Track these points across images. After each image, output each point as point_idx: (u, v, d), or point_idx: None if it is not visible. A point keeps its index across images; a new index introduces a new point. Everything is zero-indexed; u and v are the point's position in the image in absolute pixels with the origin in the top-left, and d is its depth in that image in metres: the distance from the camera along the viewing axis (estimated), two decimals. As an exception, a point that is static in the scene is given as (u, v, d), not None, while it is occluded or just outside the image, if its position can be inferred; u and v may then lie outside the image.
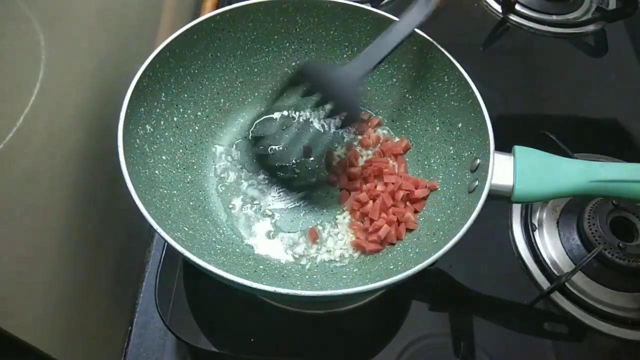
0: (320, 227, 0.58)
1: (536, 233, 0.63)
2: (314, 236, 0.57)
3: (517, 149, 0.51)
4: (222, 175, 0.61)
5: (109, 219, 0.60)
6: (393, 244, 0.56)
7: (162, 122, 0.56)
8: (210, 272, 0.42)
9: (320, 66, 0.59)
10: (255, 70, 0.65)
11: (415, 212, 0.58)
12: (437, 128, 0.61)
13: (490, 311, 0.58)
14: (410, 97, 0.63)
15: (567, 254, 0.61)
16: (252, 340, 0.54)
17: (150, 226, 0.44)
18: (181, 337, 0.54)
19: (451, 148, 0.58)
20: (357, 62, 0.55)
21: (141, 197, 0.45)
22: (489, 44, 0.86)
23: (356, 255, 0.56)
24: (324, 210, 0.59)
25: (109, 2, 0.56)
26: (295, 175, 0.61)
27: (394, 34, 0.55)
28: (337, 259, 0.56)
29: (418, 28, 0.57)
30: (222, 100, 0.63)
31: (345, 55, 0.65)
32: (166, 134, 0.57)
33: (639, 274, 0.59)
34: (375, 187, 0.59)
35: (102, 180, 0.56)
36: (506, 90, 0.79)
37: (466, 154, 0.56)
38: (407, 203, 0.58)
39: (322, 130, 0.65)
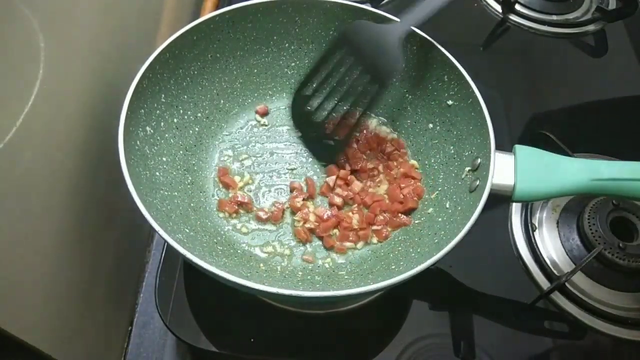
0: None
1: (536, 233, 0.63)
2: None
3: (518, 148, 0.51)
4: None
5: (109, 219, 0.60)
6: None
7: (162, 124, 0.56)
8: (212, 273, 0.42)
9: (361, 25, 0.57)
10: (255, 71, 0.65)
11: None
12: (437, 128, 0.61)
13: (490, 311, 0.58)
14: (410, 97, 0.63)
15: (567, 254, 0.61)
16: (252, 340, 0.54)
17: (151, 226, 0.44)
18: (181, 337, 0.54)
19: (452, 147, 0.58)
20: (403, 18, 0.56)
21: (142, 199, 0.45)
22: (489, 44, 0.86)
23: (358, 251, 0.57)
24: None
25: (109, 2, 0.56)
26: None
27: None
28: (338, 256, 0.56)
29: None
30: (222, 101, 0.63)
31: (345, 56, 0.65)
32: (166, 135, 0.57)
33: (639, 274, 0.59)
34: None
35: (102, 180, 0.56)
36: (506, 90, 0.78)
37: (467, 154, 0.56)
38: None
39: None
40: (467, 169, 0.55)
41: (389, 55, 0.55)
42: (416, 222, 0.58)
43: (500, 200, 0.50)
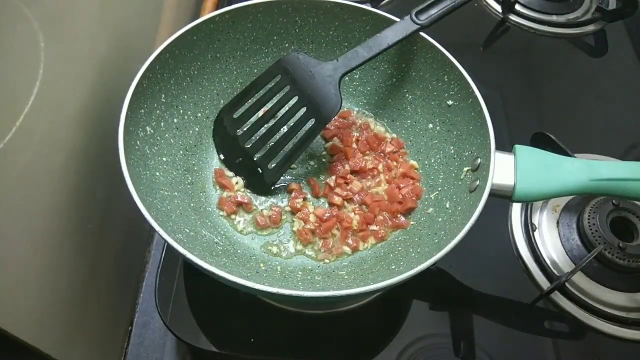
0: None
1: (536, 233, 0.63)
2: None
3: (518, 148, 0.51)
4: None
5: (109, 219, 0.60)
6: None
7: (162, 124, 0.56)
8: (212, 273, 0.42)
9: (301, 59, 0.57)
10: (255, 71, 0.64)
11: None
12: (437, 128, 0.61)
13: (490, 311, 0.58)
14: (410, 97, 0.63)
15: (567, 254, 0.61)
16: (252, 340, 0.54)
17: (151, 226, 0.44)
18: (181, 337, 0.54)
19: (452, 147, 0.58)
20: (341, 60, 0.56)
21: (142, 199, 0.45)
22: (489, 44, 0.86)
23: (357, 252, 0.57)
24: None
25: (108, 3, 0.56)
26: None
27: (382, 38, 0.56)
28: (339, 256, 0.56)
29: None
30: (222, 101, 0.63)
31: (345, 56, 0.65)
32: (166, 135, 0.57)
33: (639, 274, 0.59)
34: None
35: (102, 180, 0.56)
36: (506, 90, 0.79)
37: (467, 154, 0.56)
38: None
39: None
40: (467, 169, 0.55)
41: (329, 95, 0.55)
42: (416, 222, 0.58)
43: (500, 200, 0.50)
